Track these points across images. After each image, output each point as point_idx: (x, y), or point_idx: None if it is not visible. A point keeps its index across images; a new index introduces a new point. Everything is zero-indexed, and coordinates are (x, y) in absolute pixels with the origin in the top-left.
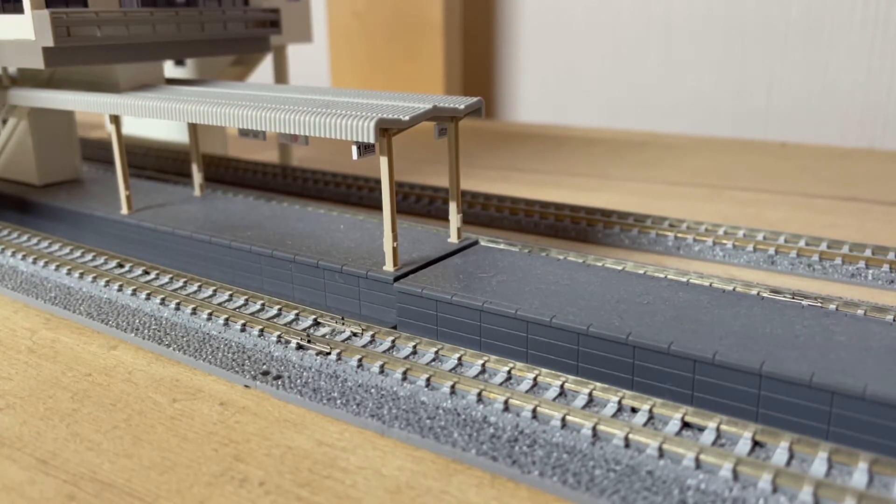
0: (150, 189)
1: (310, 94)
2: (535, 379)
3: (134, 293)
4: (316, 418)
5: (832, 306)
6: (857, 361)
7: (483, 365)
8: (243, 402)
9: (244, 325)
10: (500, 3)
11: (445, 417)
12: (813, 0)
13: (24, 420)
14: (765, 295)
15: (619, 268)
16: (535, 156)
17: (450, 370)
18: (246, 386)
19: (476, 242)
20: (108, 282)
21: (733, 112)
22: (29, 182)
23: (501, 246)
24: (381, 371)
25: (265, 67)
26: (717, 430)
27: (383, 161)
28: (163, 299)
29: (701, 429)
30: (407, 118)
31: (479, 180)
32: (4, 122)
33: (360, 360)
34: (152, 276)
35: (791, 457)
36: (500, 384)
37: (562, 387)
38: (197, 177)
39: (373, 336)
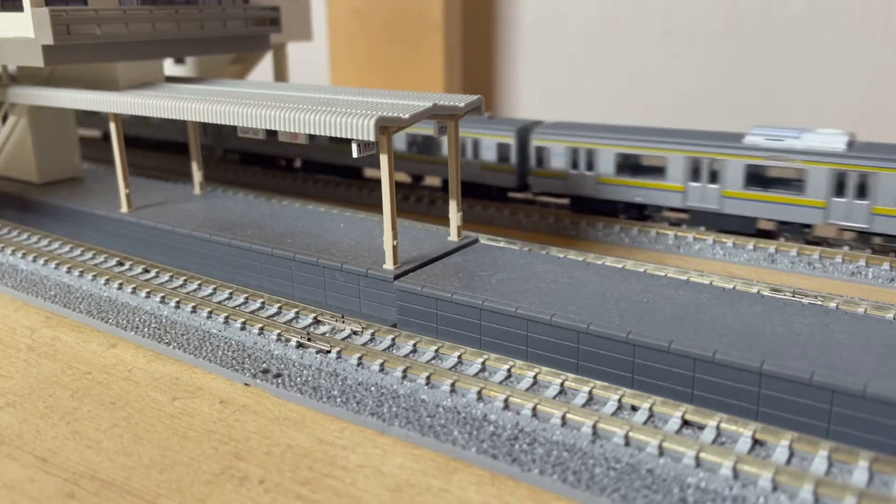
0: (149, 187)
1: (310, 93)
2: (535, 377)
3: (134, 291)
4: (316, 416)
5: (832, 305)
6: (857, 360)
7: (483, 363)
8: (243, 401)
9: (244, 323)
10: (501, 1)
11: (445, 415)
12: None
13: (24, 418)
14: (765, 293)
15: (619, 266)
16: None
17: (450, 368)
18: (246, 384)
19: (476, 241)
20: (107, 280)
21: (733, 110)
22: (29, 180)
23: (501, 244)
24: (381, 369)
25: (265, 65)
26: (718, 428)
27: (383, 159)
28: (162, 297)
29: (701, 427)
30: (407, 116)
31: None
32: (4, 119)
33: (360, 358)
34: (152, 274)
35: (791, 455)
36: (500, 382)
37: (562, 385)
38: (197, 175)
39: (373, 334)
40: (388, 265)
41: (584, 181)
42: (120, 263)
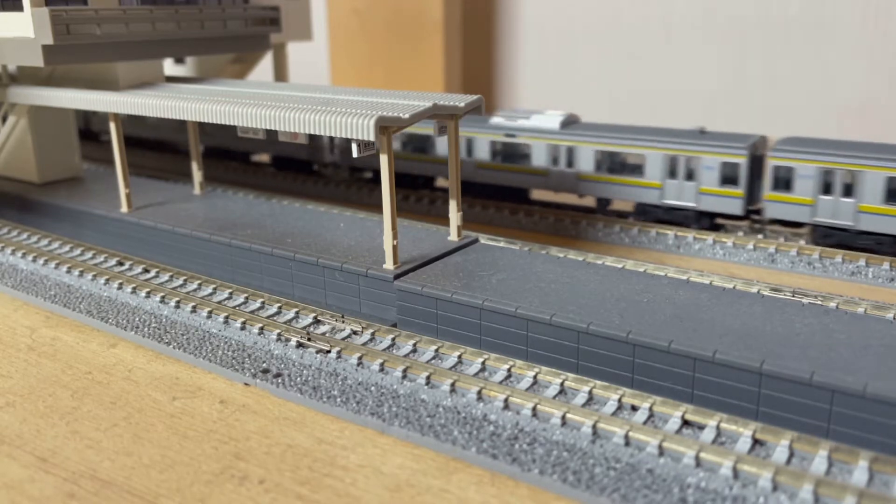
0: (149, 187)
1: (310, 93)
2: (535, 377)
3: (134, 291)
4: (316, 416)
5: (832, 304)
6: (857, 359)
7: (483, 363)
8: (243, 400)
9: (244, 322)
10: (501, 1)
11: (445, 415)
12: None
13: (24, 418)
14: (765, 293)
15: (619, 266)
16: None
17: (450, 368)
18: (246, 384)
19: (476, 241)
20: (107, 280)
21: (733, 109)
22: (29, 180)
23: (501, 244)
24: (381, 369)
25: (265, 65)
26: (718, 428)
27: (383, 159)
28: (162, 297)
29: (701, 427)
30: (407, 116)
31: None
32: (4, 119)
33: (360, 358)
34: (152, 273)
35: (791, 455)
36: (500, 382)
37: (562, 385)
38: (197, 175)
39: (373, 334)
40: (388, 265)
41: (839, 208)
42: (120, 263)
